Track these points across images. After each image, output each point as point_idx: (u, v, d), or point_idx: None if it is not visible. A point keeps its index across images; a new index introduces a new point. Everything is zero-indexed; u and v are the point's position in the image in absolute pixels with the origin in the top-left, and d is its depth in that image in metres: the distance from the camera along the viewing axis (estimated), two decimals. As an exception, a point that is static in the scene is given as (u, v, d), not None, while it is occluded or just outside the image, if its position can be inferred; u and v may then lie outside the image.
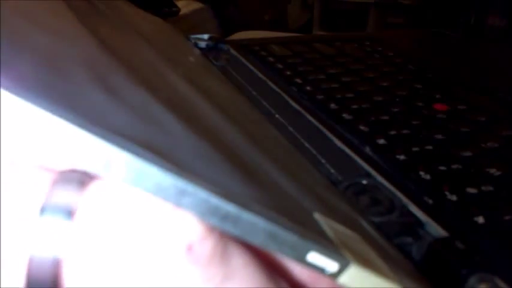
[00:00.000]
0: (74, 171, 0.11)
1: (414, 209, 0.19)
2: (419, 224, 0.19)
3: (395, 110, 0.29)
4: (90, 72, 0.13)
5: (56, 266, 0.10)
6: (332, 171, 0.22)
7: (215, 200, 0.10)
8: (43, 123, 0.09)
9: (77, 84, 0.12)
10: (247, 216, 0.10)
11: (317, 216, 0.13)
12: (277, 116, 0.29)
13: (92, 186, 0.11)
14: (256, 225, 0.10)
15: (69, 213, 0.10)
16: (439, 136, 0.26)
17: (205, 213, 0.10)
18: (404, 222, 0.19)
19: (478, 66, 0.43)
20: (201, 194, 0.10)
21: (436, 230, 0.18)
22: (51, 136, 0.09)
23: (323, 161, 0.23)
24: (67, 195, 0.11)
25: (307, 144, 0.25)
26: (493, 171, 0.22)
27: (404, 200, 0.20)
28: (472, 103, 0.31)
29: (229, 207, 0.10)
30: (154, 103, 0.14)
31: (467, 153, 0.24)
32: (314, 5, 1.85)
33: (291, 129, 0.27)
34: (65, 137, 0.09)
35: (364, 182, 0.21)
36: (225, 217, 0.10)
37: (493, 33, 0.53)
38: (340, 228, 0.13)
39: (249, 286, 0.11)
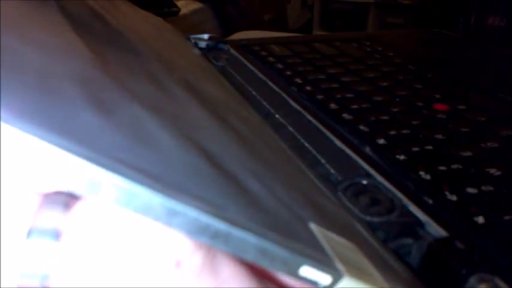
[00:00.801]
0: (59, 193, 0.11)
1: (414, 209, 0.19)
2: (419, 224, 0.19)
3: (395, 110, 0.29)
4: (83, 89, 0.13)
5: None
6: (332, 171, 0.22)
7: (205, 219, 0.10)
8: (30, 147, 0.09)
9: (68, 104, 0.12)
10: (238, 234, 0.10)
11: (312, 226, 0.13)
12: (277, 116, 0.29)
13: (78, 208, 0.11)
14: (247, 242, 0.10)
15: (56, 235, 0.10)
16: (439, 136, 0.26)
17: (196, 232, 0.10)
18: (404, 222, 0.19)
19: (478, 66, 0.43)
20: (190, 214, 0.10)
21: (436, 230, 0.18)
22: (38, 160, 0.09)
23: (323, 161, 0.23)
24: (53, 217, 0.11)
25: (307, 144, 0.25)
26: (493, 171, 0.22)
27: (404, 200, 0.20)
28: (472, 103, 0.31)
29: (219, 225, 0.10)
30: (148, 119, 0.14)
31: (467, 153, 0.24)
32: (314, 5, 1.86)
33: (291, 129, 0.27)
34: (52, 160, 0.09)
35: (364, 182, 0.21)
36: (215, 235, 0.10)
37: (493, 33, 0.53)
38: (336, 238, 0.13)
39: None
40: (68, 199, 0.11)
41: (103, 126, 0.12)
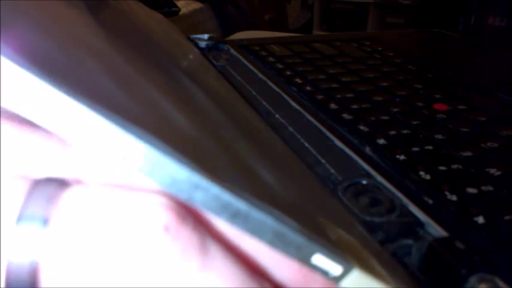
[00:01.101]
0: (49, 179, 0.11)
1: (414, 209, 0.19)
2: (419, 224, 0.19)
3: (395, 110, 0.29)
4: (102, 63, 0.13)
5: (34, 272, 0.10)
6: (332, 171, 0.22)
7: (227, 197, 0.10)
8: (60, 106, 0.09)
9: (93, 72, 0.12)
10: (257, 215, 0.10)
11: (321, 219, 0.13)
12: (277, 116, 0.29)
13: (68, 194, 0.11)
14: (265, 224, 0.10)
15: (46, 221, 0.11)
16: (439, 136, 0.26)
17: (217, 209, 0.10)
18: (404, 222, 0.19)
19: (478, 66, 0.43)
20: (213, 190, 0.10)
21: (436, 230, 0.18)
22: (68, 120, 0.09)
23: (323, 161, 0.23)
24: (43, 203, 0.11)
25: (307, 144, 0.25)
26: (493, 171, 0.22)
27: (405, 200, 0.20)
28: (472, 103, 0.31)
29: (240, 205, 0.10)
30: (163, 101, 0.14)
31: (467, 153, 0.24)
32: (314, 5, 1.86)
33: (291, 129, 0.27)
34: (85, 124, 0.09)
35: (364, 182, 0.21)
36: (235, 214, 0.10)
37: (493, 33, 0.53)
38: (342, 233, 0.13)
39: (227, 278, 0.11)
40: (58, 185, 0.11)
41: (128, 98, 0.12)
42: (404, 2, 1.55)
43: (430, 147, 0.25)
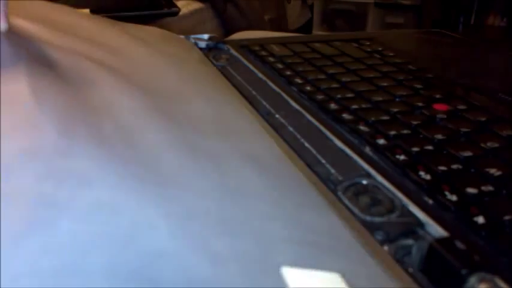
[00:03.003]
0: None
1: (414, 209, 0.19)
2: (420, 224, 0.19)
3: (395, 110, 0.29)
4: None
5: None
6: (332, 171, 0.22)
7: None
8: None
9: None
10: None
11: (285, 272, 0.13)
12: (277, 116, 0.29)
13: None
14: None
15: None
16: (439, 136, 0.26)
17: None
18: (404, 223, 0.19)
19: (478, 66, 0.43)
20: None
21: (436, 230, 0.18)
22: None
23: (323, 161, 0.23)
24: None
25: (307, 144, 0.25)
26: (493, 171, 0.22)
27: (405, 200, 0.20)
28: (472, 103, 0.31)
29: None
30: (108, 195, 0.14)
31: (467, 153, 0.24)
32: (314, 5, 1.85)
33: (291, 129, 0.27)
34: None
35: (364, 182, 0.21)
36: None
37: (493, 33, 0.53)
38: (312, 275, 0.13)
39: None
40: None
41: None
42: (404, 2, 1.55)
43: (430, 147, 0.25)
